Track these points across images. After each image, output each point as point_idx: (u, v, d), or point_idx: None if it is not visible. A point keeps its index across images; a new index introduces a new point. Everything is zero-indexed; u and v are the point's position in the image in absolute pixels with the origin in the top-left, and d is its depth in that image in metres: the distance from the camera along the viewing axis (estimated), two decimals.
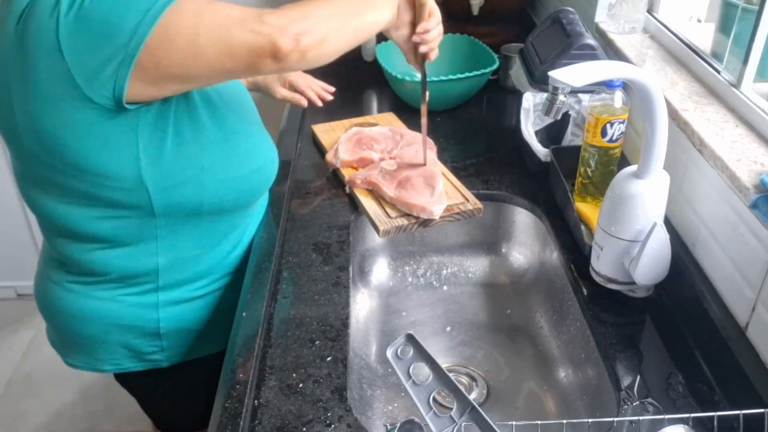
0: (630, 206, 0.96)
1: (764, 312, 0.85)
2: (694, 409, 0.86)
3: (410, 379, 0.71)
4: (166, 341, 1.11)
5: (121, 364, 1.13)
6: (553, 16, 1.35)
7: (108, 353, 1.12)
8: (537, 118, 1.34)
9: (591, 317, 1.03)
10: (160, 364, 1.14)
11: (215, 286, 1.13)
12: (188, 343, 1.14)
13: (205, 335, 1.15)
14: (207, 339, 1.16)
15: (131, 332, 1.09)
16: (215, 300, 1.14)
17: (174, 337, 1.12)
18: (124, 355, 1.12)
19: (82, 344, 1.12)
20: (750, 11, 1.05)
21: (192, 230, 1.04)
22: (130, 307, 1.07)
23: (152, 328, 1.09)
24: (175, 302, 1.09)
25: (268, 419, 0.86)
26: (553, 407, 1.09)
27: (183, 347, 1.14)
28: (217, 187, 1.00)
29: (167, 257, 1.04)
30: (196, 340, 1.15)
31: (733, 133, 0.97)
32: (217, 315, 1.15)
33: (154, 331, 1.09)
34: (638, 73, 0.87)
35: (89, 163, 0.90)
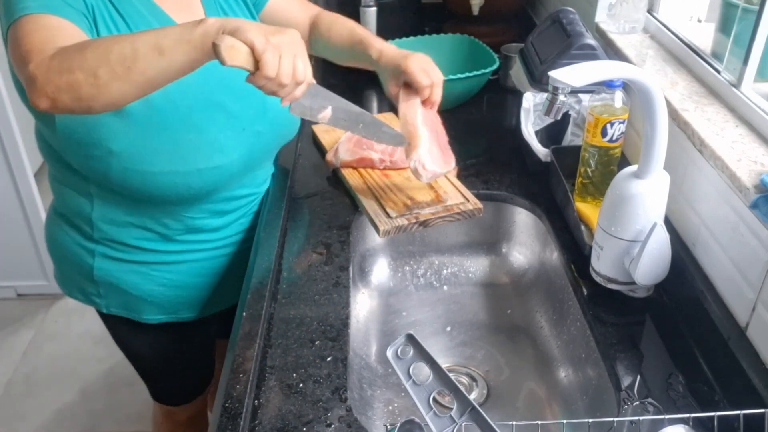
0: (630, 206, 0.96)
1: (764, 312, 0.85)
2: (694, 409, 0.86)
3: (410, 379, 0.71)
4: (102, 289, 1.18)
5: (73, 293, 1.23)
6: (553, 16, 1.35)
7: (67, 281, 1.22)
8: (537, 118, 1.34)
9: (591, 317, 1.03)
10: (99, 307, 1.21)
11: (152, 259, 1.15)
12: (126, 301, 1.19)
13: (145, 304, 1.19)
14: (147, 306, 1.20)
15: (75, 268, 1.18)
16: (157, 276, 1.17)
17: (108, 289, 1.17)
18: (74, 286, 1.21)
19: (55, 264, 1.25)
20: (750, 11, 1.05)
21: (120, 199, 1.08)
22: (73, 244, 1.15)
23: (87, 271, 1.16)
24: (109, 258, 1.14)
25: (269, 419, 0.86)
26: (553, 407, 1.09)
27: (120, 303, 1.19)
28: (124, 174, 1.02)
29: (99, 213, 1.10)
30: (136, 305, 1.19)
31: (734, 133, 0.97)
32: (160, 290, 1.18)
33: (89, 275, 1.16)
34: (638, 73, 0.87)
35: None
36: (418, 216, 1.21)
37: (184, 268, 1.18)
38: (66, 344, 2.34)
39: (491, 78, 1.66)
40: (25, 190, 2.28)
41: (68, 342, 2.34)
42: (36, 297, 2.52)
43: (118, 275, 1.16)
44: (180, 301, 1.21)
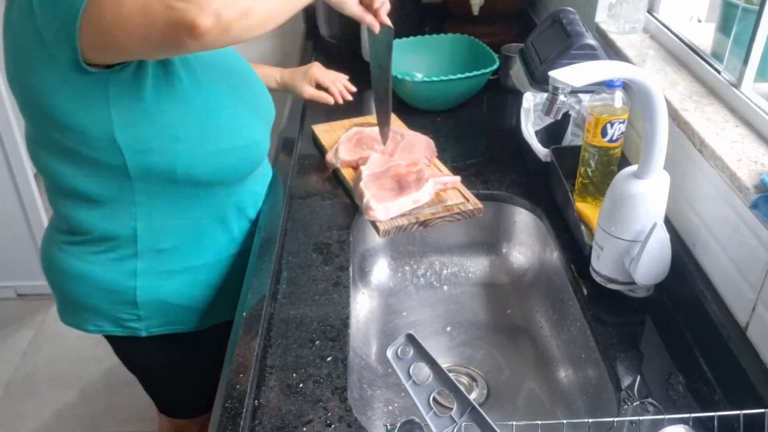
0: (630, 206, 0.96)
1: (764, 312, 0.85)
2: (694, 409, 0.86)
3: (410, 379, 0.71)
4: (143, 310, 1.13)
5: (101, 327, 1.16)
6: (553, 16, 1.35)
7: (91, 314, 1.15)
8: (537, 118, 1.34)
9: (591, 317, 1.03)
10: (138, 332, 1.16)
11: (196, 262, 1.14)
12: (168, 316, 1.16)
13: (186, 310, 1.17)
14: (189, 315, 1.18)
15: (109, 297, 1.12)
16: (198, 277, 1.15)
17: (151, 308, 1.13)
18: (105, 318, 1.15)
19: (70, 302, 1.17)
20: (750, 11, 1.05)
21: (169, 198, 1.06)
22: (108, 272, 1.10)
23: (129, 295, 1.11)
24: (154, 272, 1.11)
25: (269, 419, 0.86)
26: (553, 407, 1.09)
27: (162, 319, 1.16)
28: (191, 158, 1.02)
29: (145, 223, 1.06)
30: (178, 315, 1.17)
31: (734, 133, 0.97)
32: (201, 292, 1.17)
33: (131, 299, 1.11)
34: (638, 73, 0.87)
35: (66, 119, 0.95)
36: (418, 216, 1.21)
37: (218, 268, 1.17)
38: (66, 344, 2.34)
39: (491, 78, 1.66)
40: (25, 190, 2.28)
41: (68, 342, 2.34)
42: (36, 297, 2.52)
43: (163, 288, 1.13)
44: (215, 303, 1.19)
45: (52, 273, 1.16)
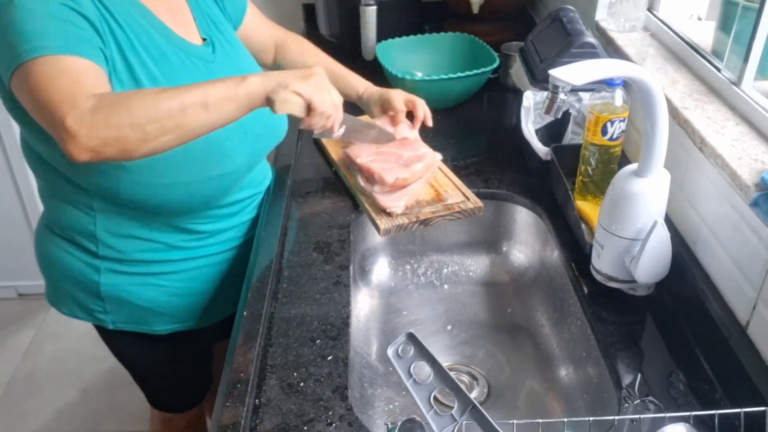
0: (631, 205, 0.96)
1: (765, 310, 0.85)
2: (695, 408, 0.86)
3: (411, 377, 0.71)
4: (108, 305, 1.14)
5: (73, 312, 1.18)
6: (553, 15, 1.35)
7: (65, 298, 1.18)
8: (537, 116, 1.34)
9: (592, 316, 1.03)
10: (105, 324, 1.17)
11: (165, 275, 1.14)
12: (134, 315, 1.16)
13: (154, 314, 1.17)
14: (157, 318, 1.18)
15: (78, 285, 1.14)
16: (166, 287, 1.15)
17: (116, 304, 1.14)
18: (76, 304, 1.17)
19: (50, 284, 1.20)
20: (750, 9, 1.05)
21: (126, 212, 1.06)
22: (76, 261, 1.11)
23: (94, 288, 1.13)
24: (117, 273, 1.11)
25: (270, 418, 0.86)
26: (554, 406, 1.09)
27: (128, 317, 1.17)
28: (133, 187, 1.00)
29: (103, 228, 1.07)
30: (144, 316, 1.17)
31: (734, 131, 0.97)
32: (168, 298, 1.16)
33: (96, 291, 1.13)
34: (639, 71, 0.87)
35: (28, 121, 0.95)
36: (418, 215, 1.21)
37: (192, 275, 1.17)
38: (66, 344, 2.34)
39: (491, 77, 1.66)
40: (25, 190, 2.28)
41: (69, 342, 2.34)
42: (36, 297, 2.51)
43: (127, 289, 1.13)
44: (188, 309, 1.20)
45: (38, 253, 1.19)
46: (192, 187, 1.05)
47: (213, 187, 1.08)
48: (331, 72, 1.29)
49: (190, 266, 1.16)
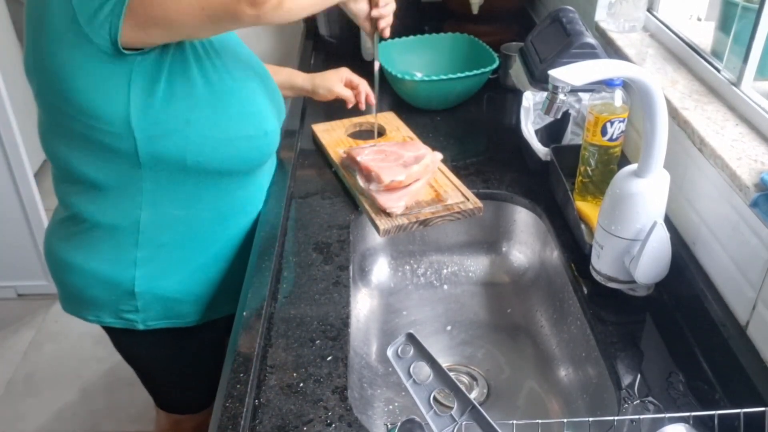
0: (630, 205, 0.96)
1: (765, 310, 0.85)
2: (694, 408, 0.86)
3: (411, 378, 0.71)
4: (141, 302, 1.13)
5: (100, 318, 1.16)
6: (552, 15, 1.35)
7: (89, 304, 1.15)
8: (537, 117, 1.34)
9: (591, 316, 1.03)
10: (135, 324, 1.15)
11: (196, 257, 1.14)
12: (166, 309, 1.16)
13: (185, 304, 1.16)
14: (188, 309, 1.17)
15: (108, 288, 1.12)
16: (197, 272, 1.15)
17: (149, 300, 1.13)
18: (103, 309, 1.15)
19: (70, 292, 1.17)
20: (750, 9, 1.05)
21: (177, 188, 1.06)
22: (107, 262, 1.10)
23: (127, 286, 1.11)
24: (153, 264, 1.11)
25: (269, 419, 0.86)
26: (553, 406, 1.09)
27: (160, 312, 1.15)
28: (201, 144, 1.03)
29: (149, 213, 1.07)
30: (176, 309, 1.16)
31: (734, 131, 0.97)
32: (200, 287, 1.17)
33: (129, 289, 1.11)
34: (638, 71, 0.87)
35: (83, 102, 0.95)
36: (418, 215, 1.21)
37: (218, 264, 1.17)
38: (66, 344, 2.34)
39: (491, 77, 1.66)
40: (25, 190, 2.28)
41: (68, 342, 2.34)
42: (36, 297, 2.51)
43: (161, 281, 1.12)
44: (217, 296, 1.20)
45: (53, 263, 1.17)
46: (252, 142, 1.09)
47: (267, 143, 1.13)
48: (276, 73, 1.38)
49: (226, 246, 1.16)
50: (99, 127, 0.98)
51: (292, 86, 1.45)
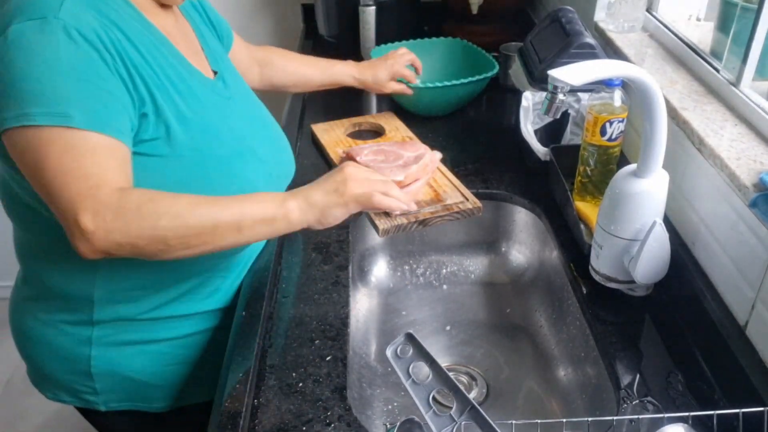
0: (629, 205, 0.96)
1: (764, 310, 0.85)
2: (693, 408, 0.86)
3: (410, 378, 0.71)
4: (99, 383, 1.02)
5: (58, 395, 1.05)
6: (552, 15, 1.35)
7: (48, 380, 1.05)
8: (536, 117, 1.34)
9: (590, 316, 1.03)
10: (96, 406, 1.04)
11: (162, 335, 1.02)
12: (129, 392, 1.04)
13: (151, 388, 1.05)
14: (155, 392, 1.06)
15: (64, 364, 1.01)
16: (163, 350, 1.03)
17: (108, 381, 1.02)
18: (61, 387, 1.04)
19: (31, 365, 1.07)
20: (749, 10, 1.05)
21: (134, 266, 0.93)
22: (63, 336, 0.99)
23: (83, 365, 1.00)
24: (111, 343, 0.99)
25: (268, 419, 0.86)
26: (552, 406, 1.09)
27: (122, 394, 1.04)
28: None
29: (104, 289, 0.95)
30: (141, 391, 1.05)
31: (733, 131, 0.97)
32: (168, 368, 1.05)
33: (85, 369, 1.00)
34: (638, 71, 0.87)
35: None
36: (417, 215, 1.21)
37: (194, 340, 1.05)
38: None
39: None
40: None
41: None
42: None
43: (121, 361, 1.00)
44: (189, 381, 1.07)
45: (13, 328, 1.06)
46: None
47: None
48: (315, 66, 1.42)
49: (195, 326, 1.04)
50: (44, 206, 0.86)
51: (334, 84, 1.44)
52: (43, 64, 0.75)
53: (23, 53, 0.75)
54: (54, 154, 0.75)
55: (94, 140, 0.76)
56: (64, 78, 0.75)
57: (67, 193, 0.75)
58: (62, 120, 0.75)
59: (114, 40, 0.81)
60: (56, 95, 0.75)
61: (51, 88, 0.75)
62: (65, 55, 0.76)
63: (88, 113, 0.76)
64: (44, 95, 0.75)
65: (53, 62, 0.75)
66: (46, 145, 0.75)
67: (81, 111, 0.76)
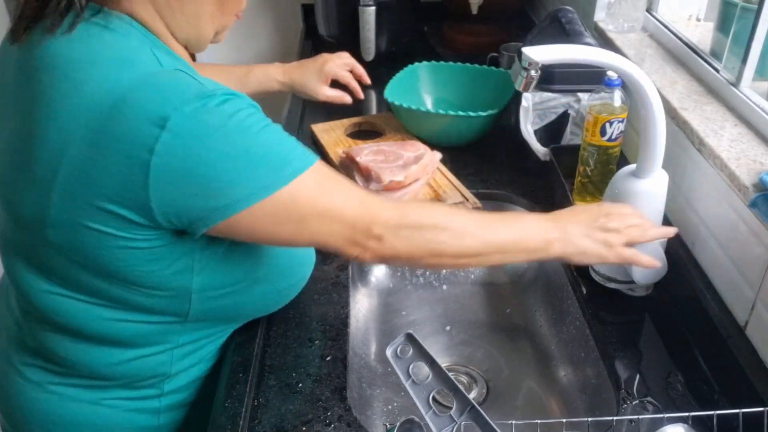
0: (629, 205, 0.96)
1: (763, 311, 0.85)
2: (693, 408, 0.86)
3: (410, 378, 0.71)
4: None
5: None
6: (552, 15, 1.35)
7: None
8: (536, 117, 1.34)
9: (590, 316, 1.03)
10: None
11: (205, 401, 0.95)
12: None
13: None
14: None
15: None
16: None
17: None
18: None
19: None
20: (749, 10, 1.05)
21: (213, 335, 0.93)
22: (127, 412, 0.91)
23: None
24: (179, 406, 0.95)
25: (268, 419, 0.86)
26: (552, 406, 1.09)
27: None
28: (261, 297, 0.93)
29: (180, 364, 0.91)
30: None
31: (732, 132, 0.97)
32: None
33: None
34: (609, 57, 0.87)
35: (127, 271, 0.77)
36: None
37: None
38: None
39: None
40: None
41: None
42: None
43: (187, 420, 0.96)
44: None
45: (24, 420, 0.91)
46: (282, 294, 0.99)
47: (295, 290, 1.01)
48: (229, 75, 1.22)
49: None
50: (146, 292, 0.81)
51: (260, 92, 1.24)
52: (234, 138, 0.71)
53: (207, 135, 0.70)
54: (320, 188, 0.77)
55: (316, 172, 0.77)
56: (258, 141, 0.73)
57: (348, 210, 0.78)
58: (293, 174, 0.74)
59: None
60: (285, 149, 0.75)
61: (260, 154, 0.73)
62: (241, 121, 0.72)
63: (299, 154, 0.76)
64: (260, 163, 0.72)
65: (242, 133, 0.71)
66: (307, 188, 0.75)
67: (304, 151, 0.78)
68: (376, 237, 0.79)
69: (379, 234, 0.79)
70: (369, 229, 0.79)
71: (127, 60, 0.72)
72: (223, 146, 0.69)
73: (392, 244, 0.80)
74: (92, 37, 0.73)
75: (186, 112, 0.68)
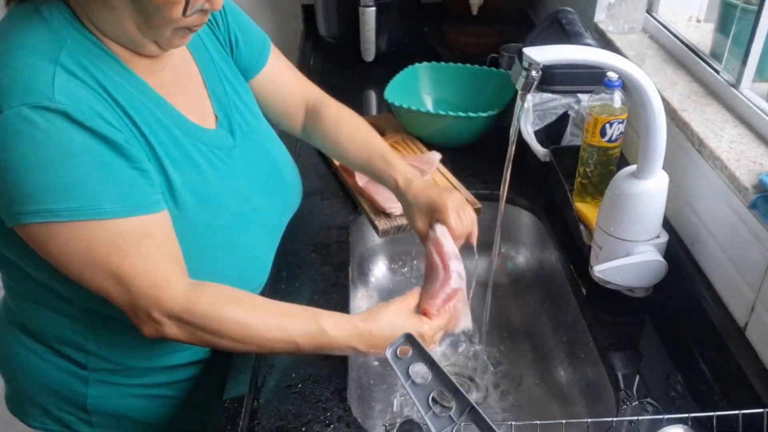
0: (629, 206, 0.96)
1: (763, 312, 0.85)
2: (693, 409, 0.86)
3: (409, 379, 0.71)
4: (95, 417, 0.99)
5: (46, 425, 1.01)
6: (552, 16, 1.35)
7: (37, 409, 1.01)
8: (536, 118, 1.34)
9: (590, 317, 1.03)
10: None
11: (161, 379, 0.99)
12: (126, 428, 1.02)
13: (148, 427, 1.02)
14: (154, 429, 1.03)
15: (55, 396, 0.98)
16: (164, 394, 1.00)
17: (106, 417, 0.99)
18: (51, 418, 1.00)
19: (16, 392, 1.03)
20: (749, 11, 1.05)
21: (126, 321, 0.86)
22: (56, 370, 0.96)
23: (78, 400, 0.97)
24: (109, 383, 0.97)
25: (268, 419, 0.86)
26: (552, 407, 1.09)
27: (118, 429, 1.02)
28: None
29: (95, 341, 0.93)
30: (138, 428, 1.02)
31: (732, 133, 0.97)
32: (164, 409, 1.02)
33: (80, 404, 0.97)
34: (609, 57, 0.87)
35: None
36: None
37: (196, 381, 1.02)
38: None
39: None
40: None
41: None
42: None
43: (120, 401, 0.98)
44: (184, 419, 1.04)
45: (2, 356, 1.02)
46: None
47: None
48: (367, 146, 1.09)
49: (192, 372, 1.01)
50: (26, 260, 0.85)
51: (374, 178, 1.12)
52: (51, 156, 0.72)
53: (26, 144, 0.71)
54: (100, 250, 0.75)
55: (135, 225, 0.76)
56: (75, 169, 0.73)
57: (134, 289, 0.76)
58: (93, 214, 0.73)
59: (113, 115, 0.77)
60: (78, 191, 0.73)
61: (68, 181, 0.73)
62: (68, 144, 0.72)
63: (119, 202, 0.75)
64: (65, 190, 0.72)
65: (61, 155, 0.72)
66: (84, 240, 0.74)
67: (109, 201, 0.74)
68: (156, 321, 0.78)
69: (158, 319, 0.77)
70: (149, 310, 0.77)
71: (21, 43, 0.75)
72: (31, 155, 0.71)
73: (171, 331, 0.79)
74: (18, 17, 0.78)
75: (19, 113, 0.70)
